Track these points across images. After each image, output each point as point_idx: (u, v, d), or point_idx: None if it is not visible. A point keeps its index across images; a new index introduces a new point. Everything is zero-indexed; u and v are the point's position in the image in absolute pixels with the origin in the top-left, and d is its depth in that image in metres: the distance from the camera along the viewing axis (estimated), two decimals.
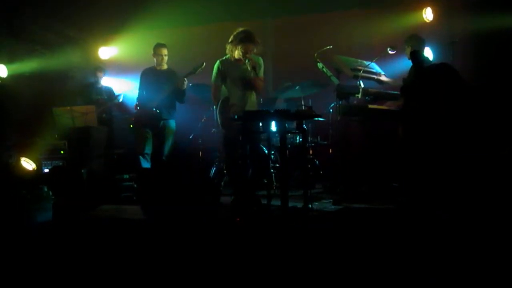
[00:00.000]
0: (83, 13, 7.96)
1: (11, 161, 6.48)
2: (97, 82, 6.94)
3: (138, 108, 5.79)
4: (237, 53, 4.79)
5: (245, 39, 4.71)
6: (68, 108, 6.28)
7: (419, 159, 4.59)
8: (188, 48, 7.46)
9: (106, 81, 7.65)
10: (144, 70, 5.98)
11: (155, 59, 5.87)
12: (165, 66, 5.89)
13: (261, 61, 4.91)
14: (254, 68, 4.72)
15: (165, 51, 5.83)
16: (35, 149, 6.59)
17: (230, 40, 4.83)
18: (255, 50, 4.81)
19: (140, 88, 5.93)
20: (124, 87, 6.38)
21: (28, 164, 6.48)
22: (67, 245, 3.80)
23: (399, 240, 3.50)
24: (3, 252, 3.60)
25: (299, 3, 7.50)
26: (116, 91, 7.07)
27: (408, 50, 5.28)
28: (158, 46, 5.86)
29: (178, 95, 5.74)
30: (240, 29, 4.80)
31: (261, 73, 4.93)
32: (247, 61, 4.72)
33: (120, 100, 6.32)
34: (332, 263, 3.17)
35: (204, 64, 5.39)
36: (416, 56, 4.79)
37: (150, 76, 5.87)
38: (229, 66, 4.91)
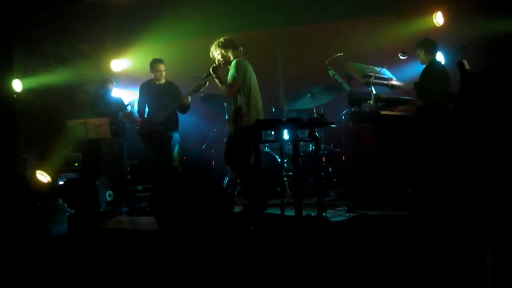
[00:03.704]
0: (95, 27, 8.06)
1: (26, 174, 6.55)
2: (106, 93, 6.98)
3: (141, 122, 5.93)
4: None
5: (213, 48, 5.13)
6: (82, 120, 6.31)
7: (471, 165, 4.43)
8: (199, 59, 7.48)
9: (118, 92, 7.72)
10: (143, 84, 6.11)
11: (153, 75, 5.98)
12: (163, 80, 5.98)
13: (230, 65, 5.00)
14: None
15: (162, 67, 5.95)
16: (50, 162, 6.65)
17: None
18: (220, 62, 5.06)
19: (140, 101, 6.09)
20: (133, 96, 6.40)
21: (43, 176, 6.54)
22: (83, 257, 3.82)
23: (414, 247, 3.46)
24: (21, 264, 3.62)
25: (308, 12, 7.51)
26: (126, 101, 7.09)
27: (421, 53, 5.24)
28: (155, 62, 5.95)
29: (182, 109, 5.89)
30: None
31: (227, 77, 4.98)
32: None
33: (129, 110, 6.35)
34: (347, 271, 3.15)
35: (208, 83, 5.49)
36: (462, 66, 4.68)
37: (151, 90, 6.00)
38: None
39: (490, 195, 3.91)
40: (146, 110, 6.08)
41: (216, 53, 5.06)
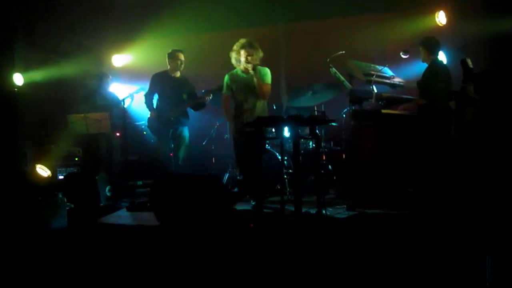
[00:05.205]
0: (96, 21, 8.05)
1: (26, 168, 6.55)
2: (102, 88, 6.96)
3: (153, 115, 5.90)
4: (242, 61, 5.19)
5: (245, 45, 5.17)
6: (82, 115, 6.31)
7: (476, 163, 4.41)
8: (201, 55, 7.49)
9: (119, 87, 7.72)
10: (156, 74, 6.03)
11: (170, 65, 5.91)
12: (178, 73, 5.94)
13: (267, 70, 5.29)
14: (254, 69, 5.11)
15: (183, 57, 5.91)
16: (50, 156, 6.65)
17: (232, 49, 5.26)
18: (256, 56, 5.20)
19: (149, 92, 6.00)
20: (131, 90, 6.36)
21: (43, 171, 6.54)
22: (82, 252, 3.83)
23: (414, 246, 3.46)
24: (20, 259, 3.63)
25: (311, 8, 7.49)
26: (123, 97, 7.02)
27: (423, 52, 5.25)
28: (176, 51, 5.93)
29: (198, 107, 5.93)
30: (241, 39, 5.26)
31: (267, 80, 5.26)
32: (249, 64, 5.12)
33: (125, 106, 6.30)
34: (346, 269, 3.15)
35: None
36: (465, 64, 4.69)
37: (165, 83, 5.91)
38: (235, 77, 5.31)
39: (490, 195, 3.91)
40: (155, 102, 6.03)
41: (259, 52, 5.22)
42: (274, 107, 6.53)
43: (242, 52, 5.16)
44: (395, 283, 2.92)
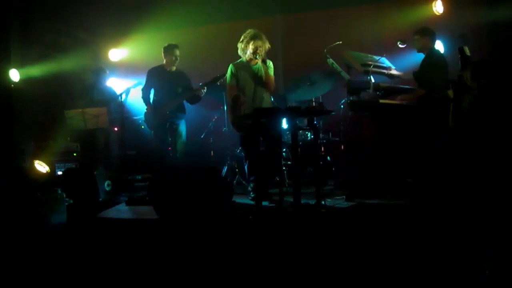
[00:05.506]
0: (93, 15, 8.01)
1: (25, 164, 6.54)
2: (98, 82, 6.93)
3: (149, 109, 5.89)
4: (248, 52, 5.10)
5: (254, 37, 5.06)
6: (80, 110, 6.31)
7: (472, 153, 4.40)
8: (198, 48, 7.47)
9: (116, 82, 7.70)
10: (152, 69, 6.03)
11: (165, 60, 5.92)
12: (174, 67, 5.94)
13: (271, 63, 5.22)
14: (264, 61, 5.05)
15: (178, 52, 5.90)
16: (48, 152, 6.64)
17: (240, 39, 5.16)
18: (263, 48, 5.10)
19: (146, 87, 5.99)
20: (127, 85, 6.33)
21: (41, 167, 6.53)
22: (82, 247, 3.83)
23: (412, 235, 3.47)
24: (21, 254, 3.63)
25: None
26: (118, 91, 6.82)
27: (419, 42, 5.22)
28: (172, 47, 5.91)
29: (193, 100, 5.90)
30: (249, 29, 5.16)
31: (272, 72, 5.21)
32: (257, 56, 5.03)
33: (122, 99, 6.26)
34: (346, 260, 3.15)
35: (225, 75, 5.51)
36: (462, 52, 4.67)
37: (161, 77, 5.91)
38: (241, 68, 5.20)
39: (490, 186, 3.91)
40: (151, 96, 6.03)
41: (266, 45, 5.14)
42: (272, 99, 6.51)
43: (251, 43, 5.07)
44: (394, 273, 2.92)
